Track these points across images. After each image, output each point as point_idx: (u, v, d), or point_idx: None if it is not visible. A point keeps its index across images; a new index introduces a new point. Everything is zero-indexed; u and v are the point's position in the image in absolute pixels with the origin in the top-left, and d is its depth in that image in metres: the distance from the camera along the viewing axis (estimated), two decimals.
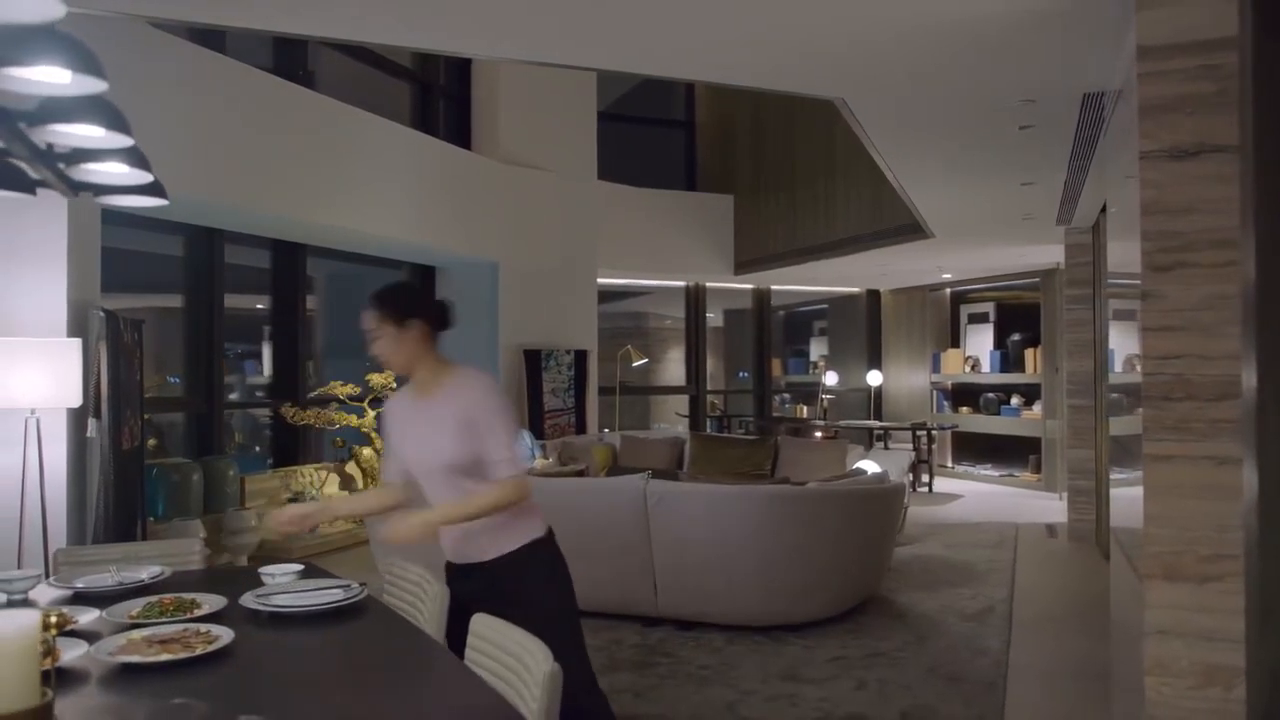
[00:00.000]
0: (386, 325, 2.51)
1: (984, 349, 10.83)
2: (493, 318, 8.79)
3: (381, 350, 2.53)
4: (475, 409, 2.47)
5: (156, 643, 1.98)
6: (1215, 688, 2.33)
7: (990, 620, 4.95)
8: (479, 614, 2.12)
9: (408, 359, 2.55)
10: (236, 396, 7.45)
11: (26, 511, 3.97)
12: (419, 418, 2.55)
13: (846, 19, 3.22)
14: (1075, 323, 7.12)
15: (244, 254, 7.28)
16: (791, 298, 12.97)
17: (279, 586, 2.50)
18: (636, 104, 11.51)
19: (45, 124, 1.73)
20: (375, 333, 2.52)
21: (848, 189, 9.16)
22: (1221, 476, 2.32)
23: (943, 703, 3.78)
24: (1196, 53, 2.36)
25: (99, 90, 1.63)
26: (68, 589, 2.57)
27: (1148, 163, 2.43)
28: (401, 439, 2.63)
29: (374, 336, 2.53)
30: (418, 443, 2.55)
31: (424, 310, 2.58)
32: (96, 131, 1.85)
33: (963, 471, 10.89)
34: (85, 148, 1.97)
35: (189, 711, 1.24)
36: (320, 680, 1.99)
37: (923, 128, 4.66)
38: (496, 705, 1.71)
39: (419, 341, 2.54)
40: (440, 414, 2.49)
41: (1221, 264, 2.33)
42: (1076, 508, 7.11)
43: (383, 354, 2.54)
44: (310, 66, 7.32)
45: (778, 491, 4.92)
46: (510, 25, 3.43)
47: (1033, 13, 3.05)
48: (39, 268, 4.26)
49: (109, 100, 1.80)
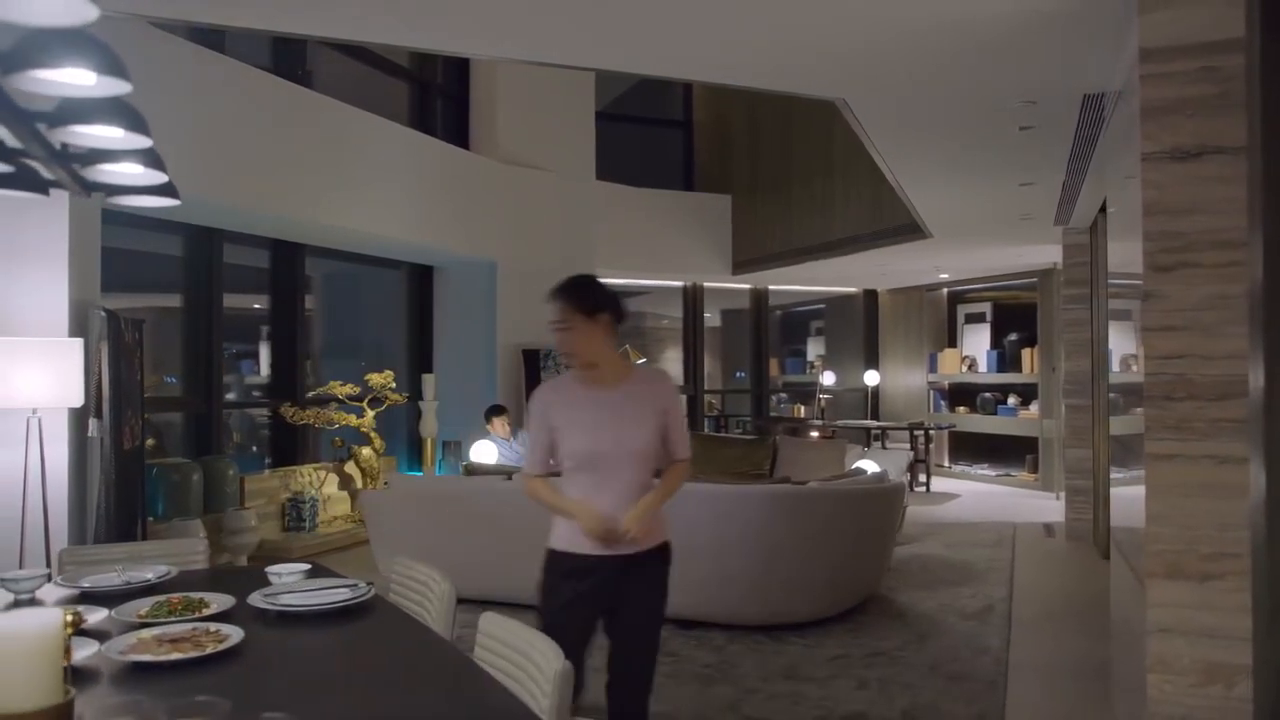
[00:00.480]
0: (577, 316, 2.53)
1: (981, 349, 10.87)
2: (491, 317, 8.80)
3: (569, 341, 2.55)
4: (668, 400, 2.66)
5: (167, 641, 1.98)
6: (1217, 685, 2.34)
7: (990, 619, 4.97)
8: (487, 613, 2.13)
9: (595, 350, 2.57)
10: (234, 396, 7.45)
11: (28, 511, 3.97)
12: (603, 407, 2.57)
13: (848, 20, 3.23)
14: (1073, 323, 7.14)
15: (243, 254, 7.27)
16: (789, 298, 12.99)
17: (286, 586, 2.51)
18: (633, 104, 11.52)
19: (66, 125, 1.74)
20: (564, 323, 2.53)
21: (846, 189, 9.17)
22: (1223, 475, 2.34)
23: (944, 701, 3.79)
24: (1198, 55, 2.38)
25: (123, 92, 1.64)
26: (74, 588, 2.57)
27: (1149, 164, 2.45)
28: (577, 427, 2.58)
29: (562, 327, 2.54)
30: (611, 431, 2.56)
31: (610, 303, 2.60)
32: (116, 132, 1.86)
33: (960, 471, 10.93)
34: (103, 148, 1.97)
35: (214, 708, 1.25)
36: (333, 679, 1.99)
37: (923, 128, 4.68)
38: (509, 703, 1.72)
39: (606, 333, 2.58)
40: (635, 405, 2.59)
41: (1223, 264, 2.35)
42: (1074, 507, 7.14)
43: (570, 344, 2.55)
44: (308, 66, 7.32)
45: (779, 491, 4.93)
46: (511, 25, 3.44)
47: (1034, 14, 3.07)
48: (40, 268, 4.25)
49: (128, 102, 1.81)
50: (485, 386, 8.68)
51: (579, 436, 2.57)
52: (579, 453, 2.58)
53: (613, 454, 2.56)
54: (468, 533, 5.21)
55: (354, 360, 8.65)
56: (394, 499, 5.70)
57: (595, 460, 2.56)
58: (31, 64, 1.50)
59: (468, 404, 8.42)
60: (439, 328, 9.15)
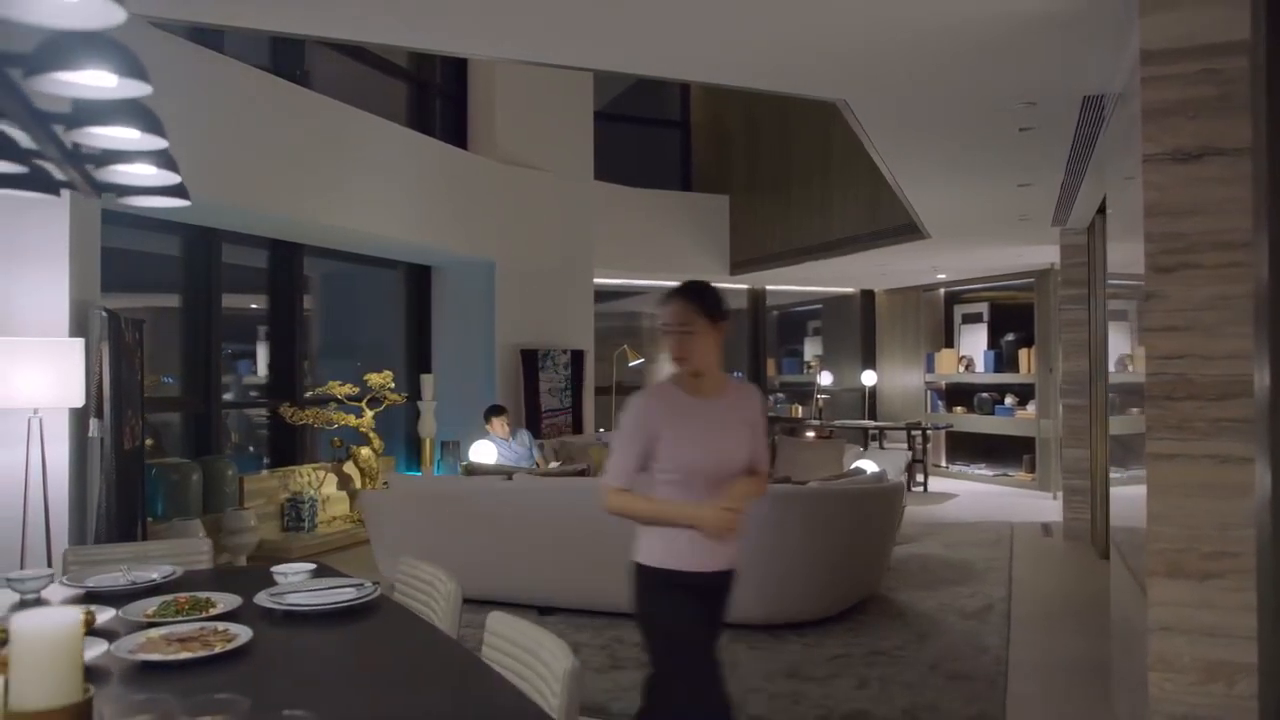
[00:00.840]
0: (700, 321, 2.44)
1: (978, 349, 10.90)
2: (489, 317, 8.80)
3: (689, 345, 2.44)
4: (757, 414, 2.59)
5: (176, 641, 1.99)
6: (1218, 683, 2.36)
7: (989, 618, 4.99)
8: (495, 612, 2.14)
9: (710, 358, 2.49)
10: (232, 396, 7.44)
11: (29, 511, 3.97)
12: (710, 418, 2.48)
13: (849, 20, 3.25)
14: (1071, 323, 7.16)
15: (241, 253, 7.27)
16: (786, 298, 13.01)
17: (292, 586, 2.51)
18: (631, 104, 11.53)
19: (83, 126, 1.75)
20: (686, 327, 2.43)
21: (844, 189, 9.19)
22: (1224, 475, 2.36)
23: (944, 700, 3.81)
24: (1199, 57, 2.40)
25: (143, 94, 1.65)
26: (79, 588, 2.58)
27: (1150, 165, 2.46)
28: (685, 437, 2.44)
29: (683, 330, 2.43)
30: (716, 442, 2.47)
31: (727, 313, 2.54)
32: (132, 134, 1.87)
33: (957, 471, 10.95)
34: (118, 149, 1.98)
35: (234, 706, 1.26)
36: (343, 678, 2.00)
37: (923, 129, 4.70)
38: (520, 702, 1.73)
39: (719, 342, 2.51)
40: (733, 416, 2.52)
41: (1224, 265, 2.37)
42: (1072, 507, 7.16)
43: (688, 349, 2.45)
44: (306, 66, 7.32)
45: (780, 491, 4.94)
46: (511, 25, 3.45)
47: (1034, 16, 3.08)
48: (41, 268, 4.25)
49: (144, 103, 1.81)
50: (483, 386, 8.68)
51: (686, 447, 2.43)
52: (684, 464, 2.43)
53: (714, 467, 2.45)
54: (468, 533, 5.22)
55: (352, 360, 8.64)
56: (394, 499, 5.71)
57: (698, 472, 2.44)
58: (55, 66, 1.50)
59: (466, 404, 8.43)
60: (437, 328, 9.15)
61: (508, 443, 7.39)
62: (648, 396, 2.52)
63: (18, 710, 1.07)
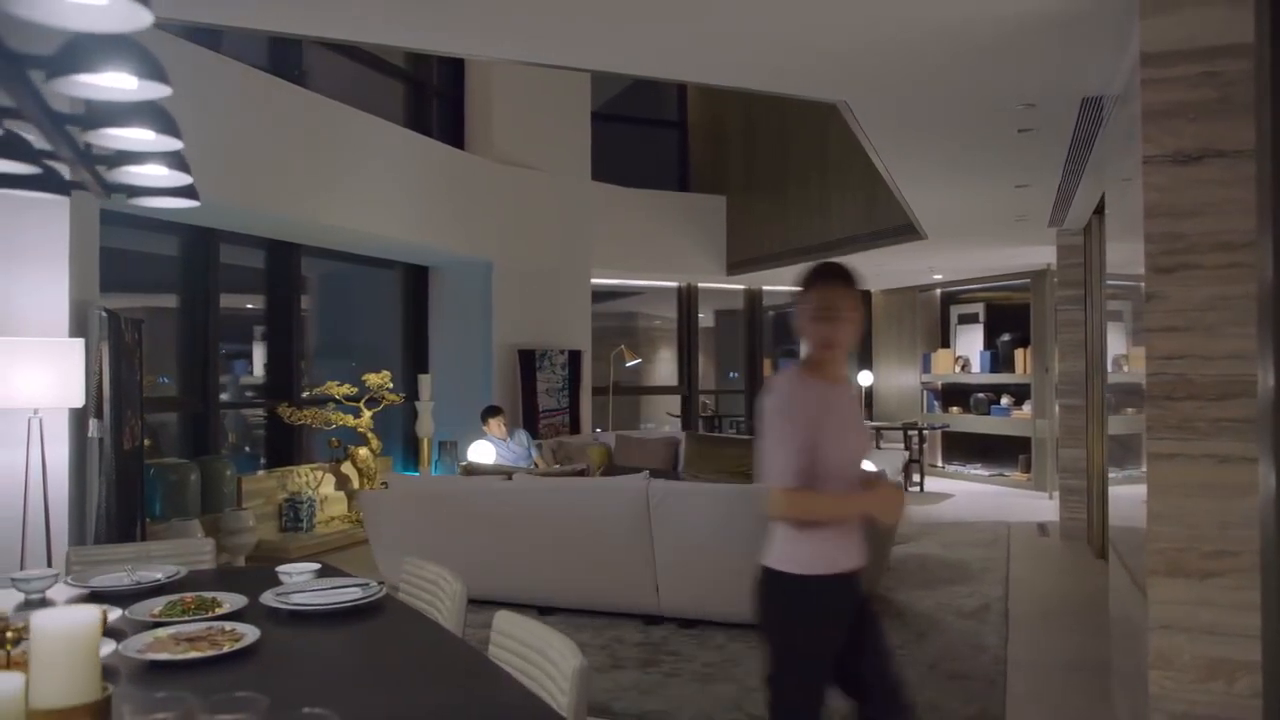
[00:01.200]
0: (855, 302, 2.27)
1: (974, 349, 10.92)
2: (487, 317, 8.81)
3: (840, 333, 2.26)
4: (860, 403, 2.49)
5: (184, 640, 2.00)
6: (1218, 681, 2.38)
7: (988, 618, 5.01)
8: (502, 611, 2.14)
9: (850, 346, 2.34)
10: (229, 396, 7.43)
11: (29, 511, 3.96)
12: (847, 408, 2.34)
13: (849, 21, 3.25)
14: (1068, 323, 7.19)
15: (239, 254, 7.26)
16: (783, 298, 13.02)
17: (298, 585, 2.52)
18: (628, 104, 11.54)
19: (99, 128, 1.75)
20: (849, 314, 2.26)
21: (841, 190, 9.21)
22: (1224, 474, 2.37)
23: (944, 699, 3.82)
24: (1199, 59, 2.41)
25: (162, 96, 1.65)
26: (84, 588, 2.58)
27: (1151, 167, 2.48)
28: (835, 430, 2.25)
29: (846, 318, 2.25)
30: (855, 433, 2.36)
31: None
32: (147, 135, 1.88)
33: (953, 471, 10.98)
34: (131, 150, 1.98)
35: (254, 704, 1.26)
36: (352, 677, 2.01)
37: (923, 129, 4.71)
38: (528, 700, 1.74)
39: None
40: (857, 406, 2.43)
41: (1224, 266, 2.38)
42: (1069, 507, 7.18)
43: (840, 337, 2.27)
44: (304, 66, 7.31)
45: None
46: (509, 26, 3.45)
47: (1034, 17, 3.10)
48: (41, 268, 4.24)
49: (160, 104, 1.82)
50: (481, 387, 8.68)
51: (836, 441, 2.24)
52: (839, 460, 2.25)
53: (855, 459, 2.33)
54: (467, 533, 5.22)
55: (350, 360, 8.64)
56: (393, 499, 5.71)
57: (847, 467, 2.29)
58: (77, 69, 1.51)
59: (464, 404, 8.43)
60: (434, 328, 9.15)
61: (506, 443, 7.40)
62: (793, 386, 2.27)
63: (39, 708, 1.08)
